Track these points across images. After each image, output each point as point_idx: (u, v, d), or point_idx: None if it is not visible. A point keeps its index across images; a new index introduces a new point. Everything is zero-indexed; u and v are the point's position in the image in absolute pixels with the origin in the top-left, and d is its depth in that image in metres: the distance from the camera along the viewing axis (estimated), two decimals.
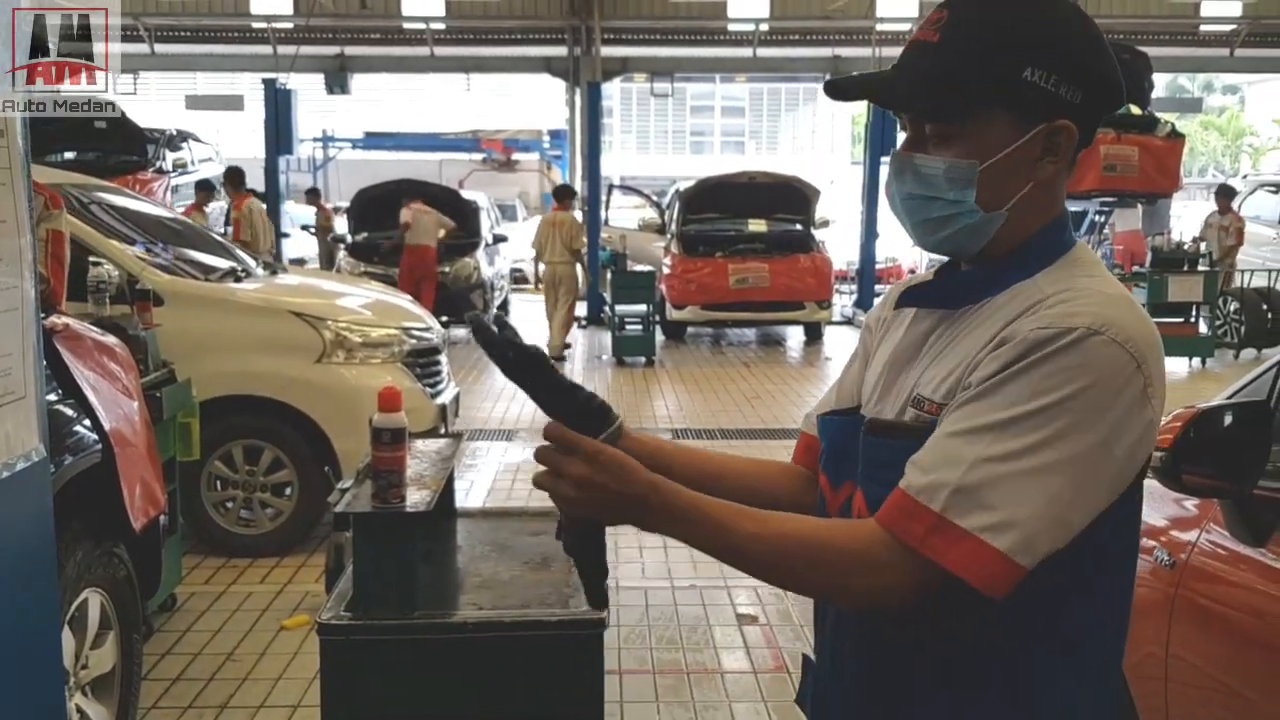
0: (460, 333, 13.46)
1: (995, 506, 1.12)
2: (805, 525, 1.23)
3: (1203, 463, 2.14)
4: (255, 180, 13.85)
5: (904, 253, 17.67)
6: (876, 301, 1.50)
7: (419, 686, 2.05)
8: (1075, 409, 1.12)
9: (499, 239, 15.31)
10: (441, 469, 2.36)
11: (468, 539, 2.57)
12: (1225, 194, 12.30)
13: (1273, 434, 2.22)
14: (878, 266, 15.45)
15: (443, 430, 5.54)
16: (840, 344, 13.01)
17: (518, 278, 18.76)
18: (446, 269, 12.87)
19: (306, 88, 18.17)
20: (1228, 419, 2.18)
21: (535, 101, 30.82)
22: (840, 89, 1.28)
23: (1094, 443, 1.13)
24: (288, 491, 5.36)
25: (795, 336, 13.73)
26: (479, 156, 27.81)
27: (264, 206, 12.27)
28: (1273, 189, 15.18)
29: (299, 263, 16.53)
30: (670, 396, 9.85)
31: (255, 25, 18.15)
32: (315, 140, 24.92)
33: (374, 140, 27.17)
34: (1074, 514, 1.14)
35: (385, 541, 2.06)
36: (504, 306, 15.55)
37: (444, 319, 8.90)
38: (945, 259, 1.36)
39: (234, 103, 18.26)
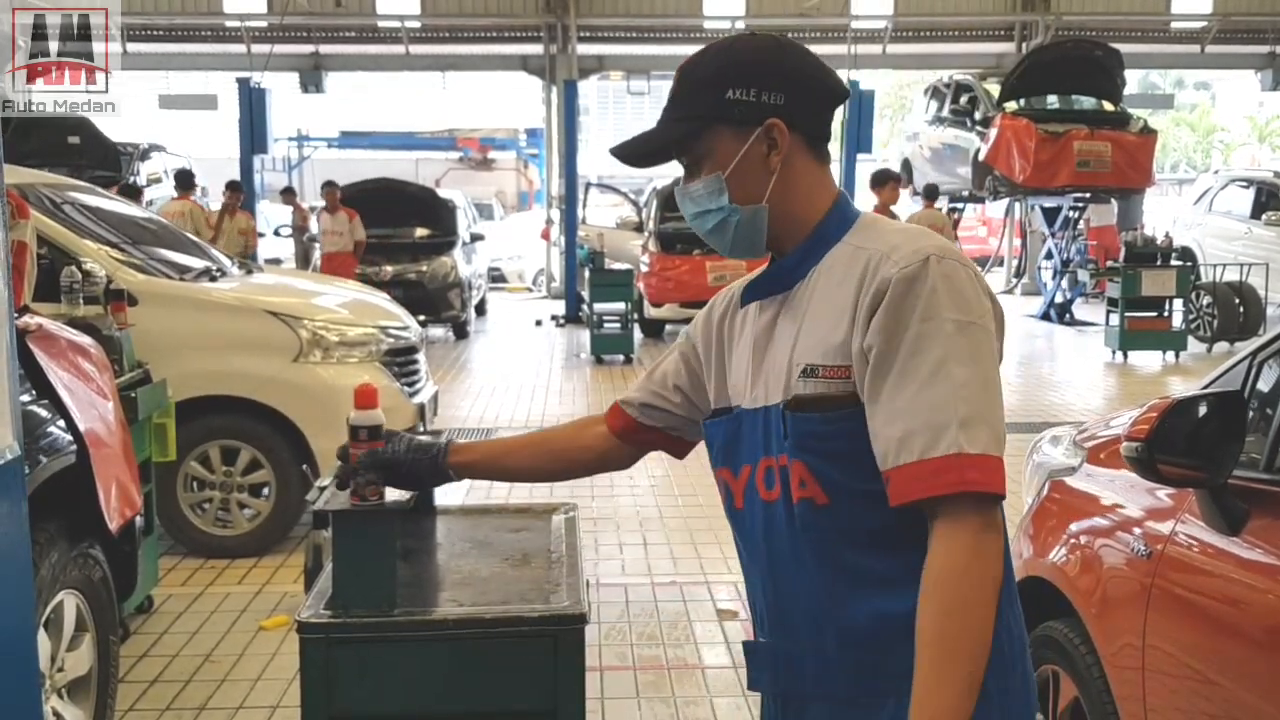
0: (438, 331, 13.43)
1: (984, 423, 1.33)
2: (929, 614, 1.34)
3: (1178, 453, 2.16)
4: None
5: None
6: (702, 312, 1.74)
7: (399, 684, 2.05)
8: (967, 321, 1.35)
9: (476, 238, 15.28)
10: None
11: (447, 536, 2.55)
12: (929, 195, 12.22)
13: (1247, 424, 2.25)
14: None
15: (421, 429, 5.52)
16: None
17: (495, 276, 18.74)
18: (424, 268, 12.84)
19: (281, 87, 18.05)
20: (1202, 409, 2.20)
21: (512, 100, 30.73)
22: (621, 155, 1.57)
23: (990, 342, 1.39)
24: (265, 492, 5.33)
25: None
26: (455, 155, 27.74)
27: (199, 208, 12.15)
28: (1244, 184, 15.31)
29: (274, 262, 16.45)
30: None
31: (229, 24, 18.02)
32: (290, 140, 24.77)
33: (350, 139, 27.02)
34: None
35: (364, 539, 2.05)
36: (481, 305, 15.52)
37: (421, 318, 8.88)
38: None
39: (208, 102, 18.12)
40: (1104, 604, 2.58)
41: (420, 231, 14.02)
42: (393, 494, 2.11)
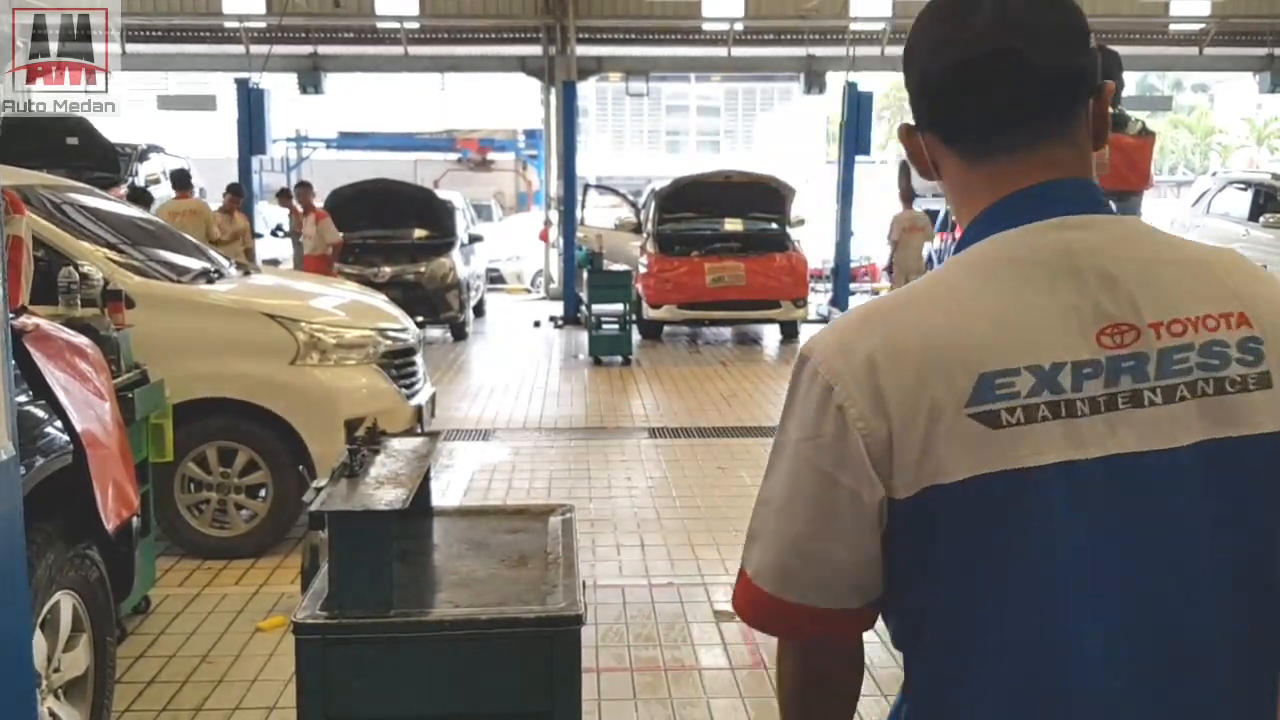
0: (436, 333, 13.42)
1: (758, 544, 1.18)
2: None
3: None
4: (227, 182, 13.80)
5: (878, 252, 17.74)
6: None
7: (396, 685, 2.05)
8: (791, 440, 1.14)
9: (474, 239, 15.28)
10: (417, 468, 2.35)
11: (444, 537, 2.56)
12: (908, 197, 12.12)
13: None
14: (852, 265, 15.51)
15: (419, 430, 5.52)
16: None
17: (494, 277, 18.73)
18: (422, 269, 12.84)
19: (280, 88, 18.04)
20: None
21: (510, 101, 30.71)
22: None
23: (812, 473, 1.12)
24: (262, 493, 5.33)
25: (771, 335, 13.76)
26: (454, 156, 27.75)
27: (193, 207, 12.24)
28: (1242, 186, 15.32)
29: (272, 263, 16.45)
30: (647, 396, 9.85)
31: (228, 25, 17.99)
32: (289, 140, 24.77)
33: (348, 140, 27.03)
34: (832, 547, 1.12)
35: (361, 540, 2.05)
36: (479, 306, 15.51)
37: (419, 319, 8.89)
38: None
39: (206, 103, 18.13)
40: None
41: (418, 232, 14.03)
42: (389, 495, 2.11)
